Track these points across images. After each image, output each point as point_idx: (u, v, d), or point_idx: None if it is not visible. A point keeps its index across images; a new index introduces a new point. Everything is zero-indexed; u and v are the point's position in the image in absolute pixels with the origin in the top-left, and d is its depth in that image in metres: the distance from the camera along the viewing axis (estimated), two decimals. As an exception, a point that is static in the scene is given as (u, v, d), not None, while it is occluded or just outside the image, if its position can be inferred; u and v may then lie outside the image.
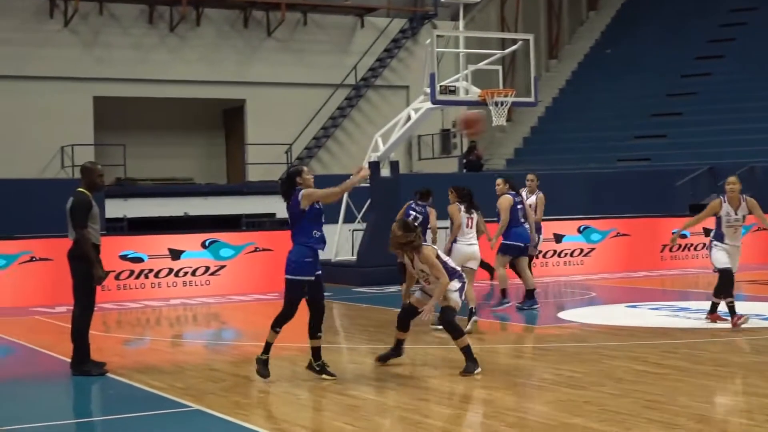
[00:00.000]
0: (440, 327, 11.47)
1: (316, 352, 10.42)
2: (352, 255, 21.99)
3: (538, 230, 17.04)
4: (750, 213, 13.40)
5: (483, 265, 16.10)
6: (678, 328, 13.71)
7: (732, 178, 13.27)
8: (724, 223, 13.16)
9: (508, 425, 8.15)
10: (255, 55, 32.87)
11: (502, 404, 9.02)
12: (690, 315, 14.93)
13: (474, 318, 13.52)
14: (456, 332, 10.51)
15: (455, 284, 10.66)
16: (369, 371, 10.94)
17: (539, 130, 38.50)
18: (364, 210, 21.92)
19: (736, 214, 13.16)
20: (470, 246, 13.86)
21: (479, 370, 10.32)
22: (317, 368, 10.36)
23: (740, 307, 13.41)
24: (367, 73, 34.36)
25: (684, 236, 21.32)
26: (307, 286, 10.41)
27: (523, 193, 16.61)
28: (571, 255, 22.71)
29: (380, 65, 34.55)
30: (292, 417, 8.69)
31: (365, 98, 34.39)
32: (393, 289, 18.59)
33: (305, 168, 10.56)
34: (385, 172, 21.53)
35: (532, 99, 21.77)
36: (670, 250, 23.07)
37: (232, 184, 31.85)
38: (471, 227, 14.00)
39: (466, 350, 10.46)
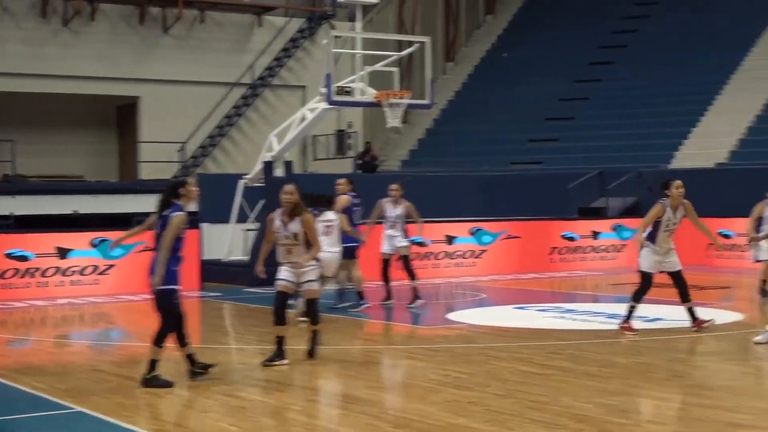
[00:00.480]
0: (306, 318, 11.96)
1: (192, 357, 10.28)
2: (244, 255, 21.85)
3: (405, 234, 16.92)
4: (685, 216, 13.51)
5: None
6: (564, 330, 13.92)
7: (679, 182, 13.39)
8: (663, 227, 13.26)
9: (394, 426, 8.18)
10: (150, 52, 32.48)
11: (389, 405, 9.06)
12: (576, 317, 15.17)
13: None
14: (317, 319, 11.38)
15: (316, 273, 11.41)
16: (257, 372, 10.88)
17: (434, 133, 38.73)
18: (257, 210, 21.80)
19: (674, 217, 13.34)
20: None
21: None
22: (201, 370, 10.25)
23: (621, 308, 13.59)
24: (264, 72, 34.23)
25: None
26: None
27: (388, 205, 16.60)
28: (463, 257, 22.89)
29: (277, 64, 34.44)
30: (177, 418, 8.62)
31: (261, 97, 34.24)
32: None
33: (190, 180, 10.39)
34: (279, 172, 21.45)
35: (427, 101, 21.88)
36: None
37: (123, 182, 31.41)
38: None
39: (314, 337, 11.33)
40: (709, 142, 31.44)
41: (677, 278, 13.27)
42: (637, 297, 13.22)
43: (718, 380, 10.43)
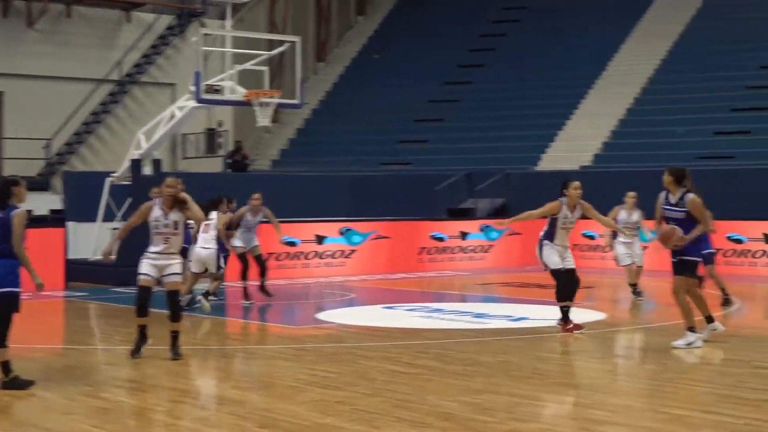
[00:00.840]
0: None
1: (7, 365, 9.85)
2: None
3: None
4: (584, 216, 13.72)
5: None
6: (431, 329, 14.07)
7: (577, 182, 13.60)
8: (560, 224, 13.40)
9: (260, 426, 8.16)
10: (15, 47, 31.70)
11: (255, 405, 9.03)
12: (443, 316, 15.33)
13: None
14: (178, 316, 11.52)
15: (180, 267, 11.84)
16: (123, 374, 10.72)
17: (305, 132, 38.70)
18: (124, 208, 21.49)
19: (571, 216, 13.51)
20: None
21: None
22: (8, 381, 9.77)
23: (488, 307, 13.82)
24: (133, 69, 33.74)
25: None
26: None
27: (249, 213, 16.90)
28: (332, 256, 22.94)
29: (146, 62, 33.98)
30: (40, 420, 8.43)
31: (130, 95, 33.75)
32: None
33: (23, 181, 10.11)
34: (147, 170, 21.19)
35: (297, 101, 21.94)
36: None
37: (-13, 179, 30.60)
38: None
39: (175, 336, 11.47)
40: (575, 145, 32.10)
41: (571, 276, 13.43)
42: (562, 296, 13.25)
43: (580, 378, 10.68)
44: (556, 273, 13.27)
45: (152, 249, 11.39)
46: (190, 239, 15.37)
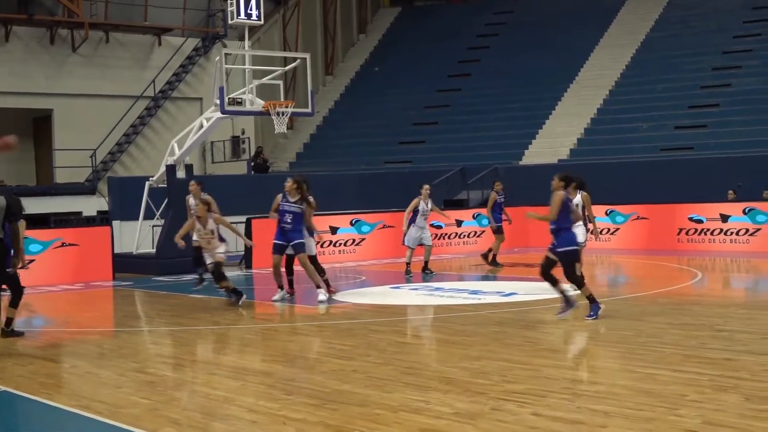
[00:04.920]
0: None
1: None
2: (152, 248, 21.56)
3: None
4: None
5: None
6: (433, 305, 14.07)
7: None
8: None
9: (287, 393, 8.18)
10: (61, 69, 31.72)
11: (282, 375, 9.04)
12: (443, 294, 15.33)
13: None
14: (222, 278, 13.87)
15: (224, 247, 14.15)
16: (167, 351, 10.76)
17: (317, 137, 38.71)
18: (162, 208, 21.53)
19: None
20: None
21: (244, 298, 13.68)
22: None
23: (483, 285, 13.78)
24: (164, 86, 33.72)
25: None
26: None
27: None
28: (345, 244, 22.96)
29: (176, 79, 33.97)
30: (93, 394, 8.45)
31: (163, 108, 33.74)
32: (188, 277, 18.33)
33: None
34: (180, 174, 21.21)
35: (309, 110, 21.88)
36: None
37: (41, 186, 30.64)
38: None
39: (231, 290, 13.98)
40: (553, 142, 32.12)
41: None
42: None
43: (563, 344, 10.69)
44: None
45: None
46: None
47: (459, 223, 24.64)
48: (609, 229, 24.05)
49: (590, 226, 15.08)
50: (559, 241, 11.89)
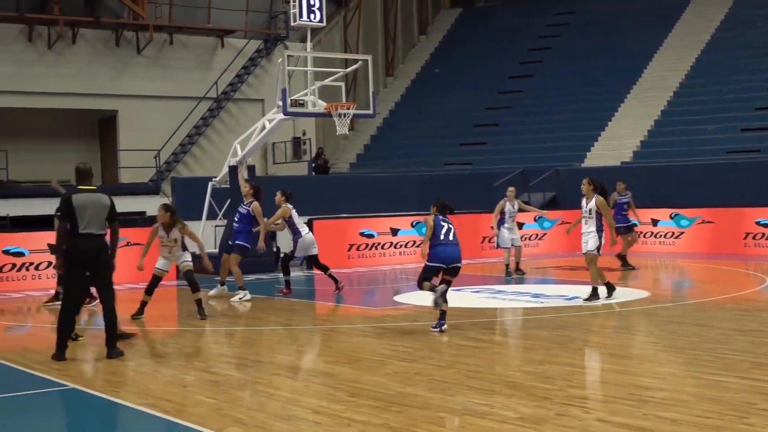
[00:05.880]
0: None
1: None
2: (215, 248, 21.73)
3: None
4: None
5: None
6: (495, 308, 14.02)
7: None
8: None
9: (350, 395, 8.20)
10: (126, 71, 32.15)
11: (345, 377, 9.06)
12: (505, 297, 15.27)
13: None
14: (197, 288, 13.48)
15: (188, 255, 13.76)
16: (230, 351, 10.85)
17: (378, 138, 38.77)
18: (224, 208, 21.71)
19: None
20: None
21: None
22: None
23: (545, 289, 13.72)
24: (227, 87, 34.01)
25: None
26: None
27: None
28: (406, 246, 22.96)
29: (238, 81, 34.24)
30: (159, 392, 8.56)
31: (225, 110, 34.03)
32: (250, 277, 18.46)
33: None
34: (243, 174, 21.35)
35: (371, 111, 21.91)
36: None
37: (106, 186, 31.08)
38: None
39: (199, 302, 13.49)
40: (616, 144, 31.78)
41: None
42: None
43: (628, 349, 10.57)
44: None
45: None
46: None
47: (520, 225, 24.48)
48: (673, 233, 23.74)
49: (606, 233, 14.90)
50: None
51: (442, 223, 11.89)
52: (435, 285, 11.91)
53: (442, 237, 11.80)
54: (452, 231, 11.94)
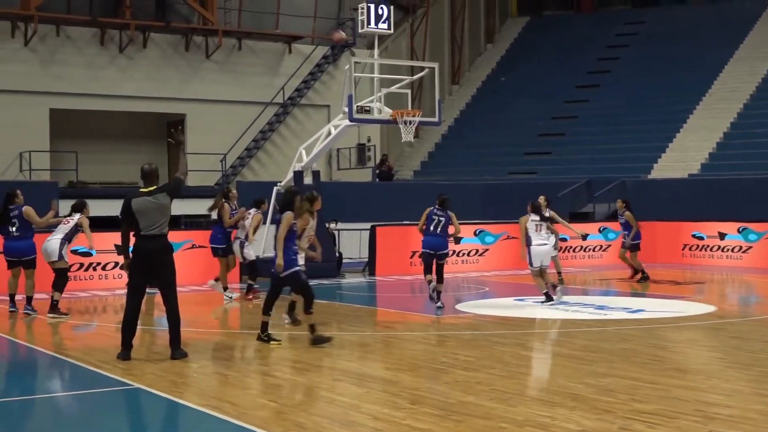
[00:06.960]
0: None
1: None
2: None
3: None
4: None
5: None
6: (557, 319, 13.89)
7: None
8: None
9: (411, 402, 8.18)
10: (195, 75, 32.55)
11: (406, 384, 9.04)
12: (568, 308, 15.13)
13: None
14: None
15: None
16: (290, 354, 10.89)
17: (442, 146, 38.72)
18: (288, 213, 21.79)
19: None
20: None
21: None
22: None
23: (608, 300, 13.57)
24: (293, 93, 34.24)
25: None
26: None
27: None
28: (468, 255, 22.88)
29: (305, 86, 34.45)
30: (221, 394, 8.62)
31: (291, 115, 34.26)
32: (313, 282, 18.48)
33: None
34: (307, 180, 21.47)
35: (436, 119, 21.87)
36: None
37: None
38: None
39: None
40: (684, 156, 31.37)
41: None
42: None
43: (694, 364, 10.40)
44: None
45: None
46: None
47: (584, 236, 24.26)
48: (741, 247, 23.32)
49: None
50: None
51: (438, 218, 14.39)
52: (431, 279, 14.25)
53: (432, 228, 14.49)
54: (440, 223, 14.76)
